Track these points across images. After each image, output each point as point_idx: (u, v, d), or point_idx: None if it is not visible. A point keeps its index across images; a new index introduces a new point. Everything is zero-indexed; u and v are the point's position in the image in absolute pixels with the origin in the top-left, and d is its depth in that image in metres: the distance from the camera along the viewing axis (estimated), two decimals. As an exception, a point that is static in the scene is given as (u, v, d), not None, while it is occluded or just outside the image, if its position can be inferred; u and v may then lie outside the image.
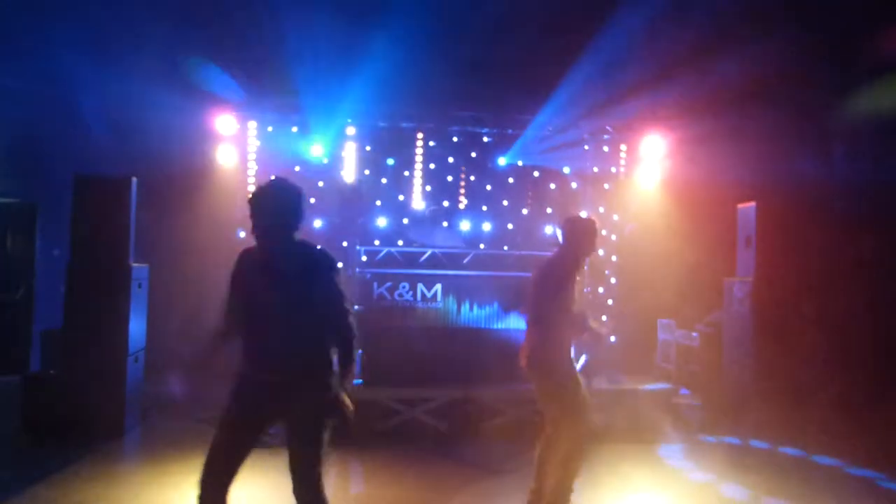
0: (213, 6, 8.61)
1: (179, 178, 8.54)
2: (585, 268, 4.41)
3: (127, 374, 6.17)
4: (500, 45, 9.54)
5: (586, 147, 9.76)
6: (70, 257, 6.26)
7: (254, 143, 8.90)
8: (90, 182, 6.28)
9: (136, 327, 6.35)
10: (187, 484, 3.16)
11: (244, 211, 3.23)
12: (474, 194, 9.73)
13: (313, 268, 3.16)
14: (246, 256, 3.30)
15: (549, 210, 9.78)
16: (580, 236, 4.43)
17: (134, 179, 6.38)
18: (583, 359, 7.69)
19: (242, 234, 8.99)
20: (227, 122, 8.64)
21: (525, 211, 9.76)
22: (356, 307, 7.43)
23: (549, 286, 4.34)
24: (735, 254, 7.72)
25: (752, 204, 7.45)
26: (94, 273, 6.17)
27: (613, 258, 9.68)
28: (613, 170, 9.81)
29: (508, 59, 9.41)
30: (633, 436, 6.65)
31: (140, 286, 6.40)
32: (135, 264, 6.31)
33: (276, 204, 3.16)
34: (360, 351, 7.29)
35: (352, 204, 9.17)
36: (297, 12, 8.74)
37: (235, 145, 8.77)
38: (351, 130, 9.19)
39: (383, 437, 6.54)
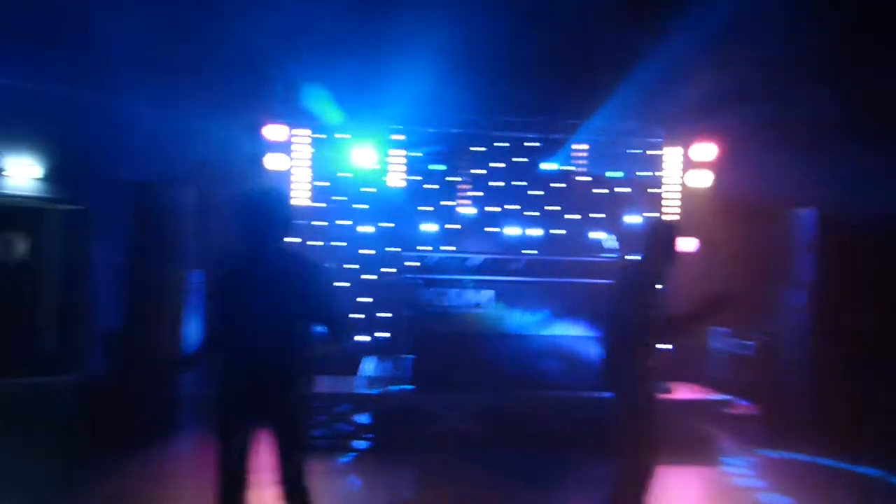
0: (263, 14, 8.76)
1: (231, 185, 8.67)
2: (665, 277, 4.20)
3: (181, 378, 6.28)
4: (548, 50, 9.49)
5: (636, 151, 9.62)
6: (127, 262, 6.41)
7: (303, 151, 9.01)
8: (147, 188, 6.44)
9: (192, 331, 6.47)
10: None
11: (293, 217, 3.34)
12: (522, 200, 9.67)
13: (299, 273, 3.21)
14: (229, 263, 3.29)
15: (598, 215, 9.67)
16: (665, 243, 4.27)
17: (189, 186, 6.51)
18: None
19: (293, 240, 9.13)
20: (278, 129, 8.76)
21: (574, 216, 9.66)
22: (406, 312, 7.47)
23: (632, 295, 4.16)
24: (791, 261, 7.51)
25: (811, 209, 7.23)
26: (149, 277, 6.31)
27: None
28: (663, 174, 9.65)
29: (557, 64, 9.35)
30: (688, 448, 6.48)
31: (196, 291, 6.52)
32: (189, 269, 6.43)
33: (266, 211, 3.20)
34: (410, 356, 7.31)
35: (400, 210, 9.20)
36: (344, 19, 8.84)
37: (285, 153, 8.89)
38: (399, 137, 9.23)
39: (432, 442, 6.52)
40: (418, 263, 7.81)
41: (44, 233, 10.02)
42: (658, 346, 4.15)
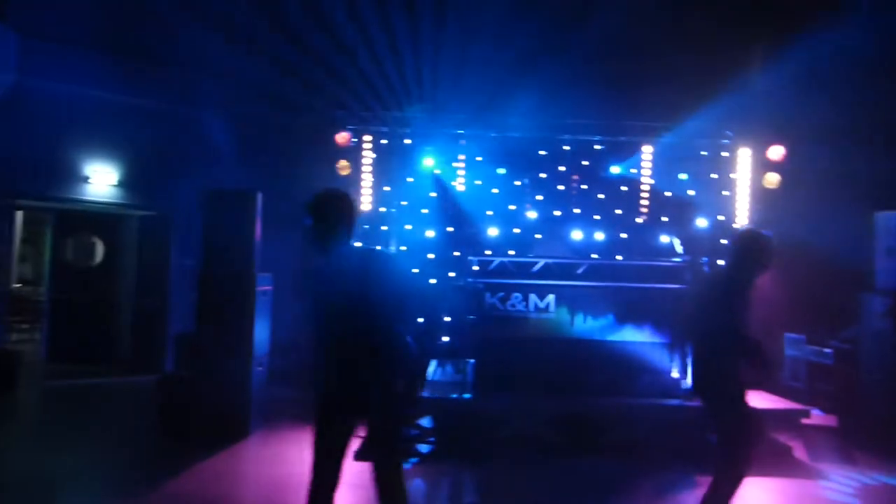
0: (331, 23, 8.94)
1: (300, 190, 8.87)
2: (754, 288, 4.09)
3: (252, 379, 6.45)
4: (614, 52, 9.38)
5: (704, 153, 9.37)
6: (201, 266, 6.63)
7: (369, 156, 9.14)
8: (219, 196, 6.65)
9: (261, 334, 6.64)
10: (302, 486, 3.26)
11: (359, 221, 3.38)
12: (586, 203, 9.55)
13: (371, 268, 3.20)
14: (314, 268, 3.34)
15: (664, 219, 9.46)
16: (756, 252, 4.11)
17: (259, 193, 6.69)
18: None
19: (358, 244, 9.26)
20: (344, 135, 8.92)
21: (639, 220, 9.47)
22: (468, 317, 7.48)
23: (718, 304, 4.03)
24: (873, 265, 7.18)
25: (894, 212, 6.91)
26: (222, 281, 6.50)
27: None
28: (733, 176, 9.36)
29: (619, 66, 9.22)
30: (764, 459, 6.22)
31: (265, 294, 6.70)
32: (260, 273, 6.61)
33: (331, 211, 3.24)
34: (472, 361, 7.32)
35: (463, 214, 9.22)
36: (409, 27, 8.95)
37: (351, 158, 9.03)
38: (462, 141, 9.26)
39: (495, 447, 6.50)
40: (478, 268, 7.80)
41: (123, 238, 10.49)
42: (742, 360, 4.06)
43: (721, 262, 7.70)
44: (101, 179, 9.24)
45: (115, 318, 10.38)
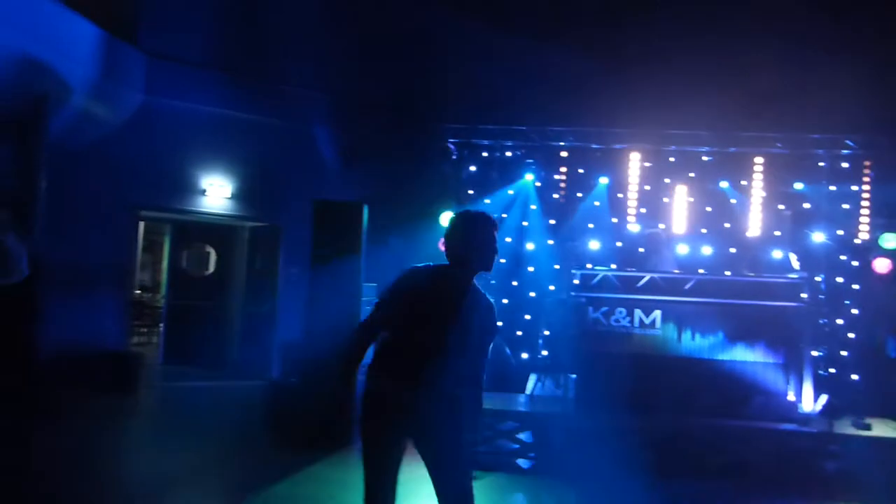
0: (434, 37, 9.09)
1: (405, 202, 9.05)
2: None
3: (357, 386, 6.57)
4: (722, 59, 9.05)
5: (821, 164, 8.88)
6: (310, 276, 6.85)
7: (469, 168, 9.20)
8: (328, 207, 6.86)
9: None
10: (407, 493, 3.24)
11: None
12: (693, 216, 9.24)
13: (486, 312, 3.16)
14: (421, 275, 3.22)
15: (777, 233, 9.01)
16: None
17: (365, 205, 6.86)
18: (823, 399, 6.95)
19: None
20: (447, 148, 9.03)
21: (750, 234, 9.07)
22: (570, 331, 7.37)
23: None
24: None
25: None
26: (329, 290, 6.69)
27: (855, 286, 8.66)
28: (854, 188, 8.82)
29: (731, 73, 8.89)
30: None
31: (370, 304, 6.83)
32: (367, 283, 6.76)
33: (480, 238, 3.15)
34: (573, 376, 7.20)
35: (564, 227, 9.13)
36: (508, 39, 8.97)
37: (454, 169, 9.13)
38: (563, 153, 9.18)
39: (595, 465, 6.34)
40: (579, 281, 7.67)
41: (234, 247, 11.00)
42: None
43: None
44: (216, 192, 9.72)
45: (226, 324, 10.87)
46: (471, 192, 9.20)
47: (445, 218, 9.07)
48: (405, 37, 8.99)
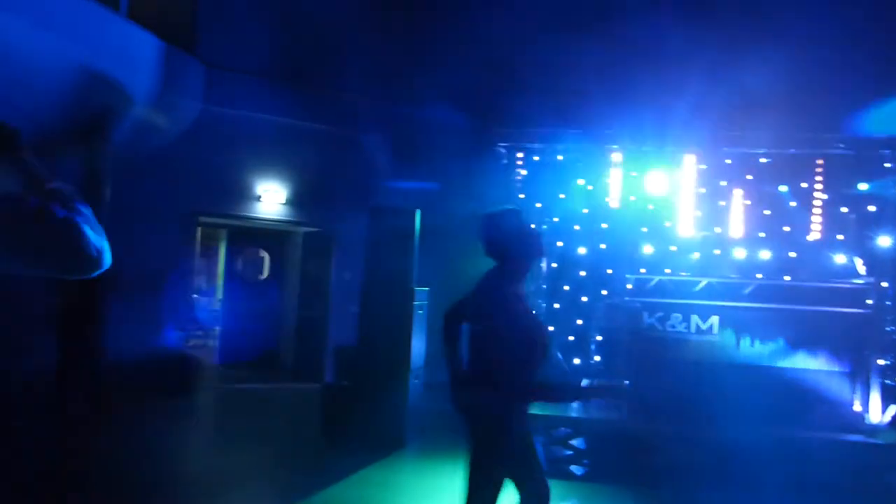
0: (484, 41, 9.09)
1: (456, 206, 9.06)
2: None
3: (409, 391, 6.62)
4: (778, 57, 8.80)
5: (887, 164, 8.55)
6: (363, 280, 6.91)
7: (520, 172, 9.17)
8: (381, 212, 6.92)
9: (417, 347, 6.81)
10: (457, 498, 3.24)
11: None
12: (750, 220, 9.01)
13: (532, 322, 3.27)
14: (484, 282, 3.31)
15: (840, 237, 8.71)
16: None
17: (418, 210, 6.89)
18: (893, 410, 6.69)
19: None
20: (497, 152, 9.02)
21: (812, 238, 8.79)
22: (624, 337, 7.27)
23: None
24: None
25: None
26: (382, 295, 6.74)
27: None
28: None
29: (790, 72, 8.64)
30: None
31: (422, 309, 6.87)
32: (417, 288, 6.79)
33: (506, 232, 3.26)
34: (627, 382, 7.09)
35: (618, 230, 9.01)
36: (558, 40, 8.90)
37: (503, 175, 9.11)
38: (616, 157, 9.07)
39: (649, 475, 6.23)
40: (632, 286, 7.55)
41: (287, 253, 11.18)
42: None
43: None
44: (271, 198, 9.89)
45: (280, 327, 11.04)
46: (522, 195, 9.16)
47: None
48: (457, 42, 9.00)
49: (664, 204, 9.11)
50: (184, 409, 8.23)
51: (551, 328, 9.04)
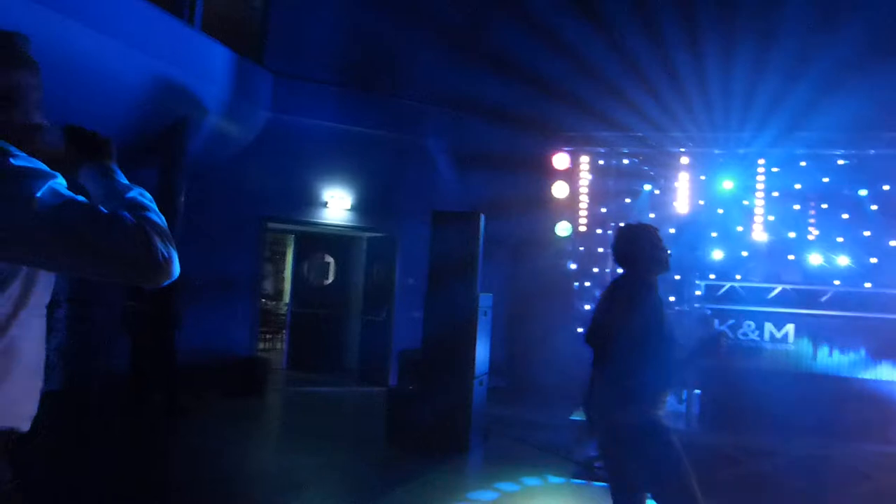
0: (545, 45, 9.03)
1: (519, 212, 9.04)
2: None
3: (473, 396, 6.61)
4: (850, 54, 8.44)
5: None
6: (427, 285, 6.94)
7: (585, 178, 9.07)
8: (445, 217, 6.94)
9: (482, 352, 6.79)
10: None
11: (574, 244, 3.48)
12: (826, 224, 8.65)
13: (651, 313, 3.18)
14: (608, 287, 3.37)
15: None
16: None
17: (482, 215, 6.89)
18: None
19: (573, 266, 9.20)
20: (562, 157, 8.94)
21: (895, 243, 8.38)
22: (693, 345, 7.07)
23: None
24: None
25: None
26: (446, 300, 6.76)
27: None
28: None
29: (865, 68, 8.27)
30: None
31: (486, 314, 6.86)
32: (481, 293, 6.78)
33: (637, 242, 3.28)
34: (697, 391, 6.90)
35: (685, 236, 8.80)
36: (626, 45, 8.77)
37: (568, 180, 9.02)
38: (684, 160, 8.86)
39: (722, 488, 6.02)
40: (701, 292, 7.35)
41: (352, 257, 11.36)
42: None
43: None
44: (337, 204, 10.08)
45: (345, 332, 11.22)
46: (586, 201, 9.06)
47: (562, 227, 8.97)
48: (520, 48, 8.99)
49: (735, 208, 8.84)
50: (252, 410, 8.46)
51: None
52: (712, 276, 8.10)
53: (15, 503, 1.54)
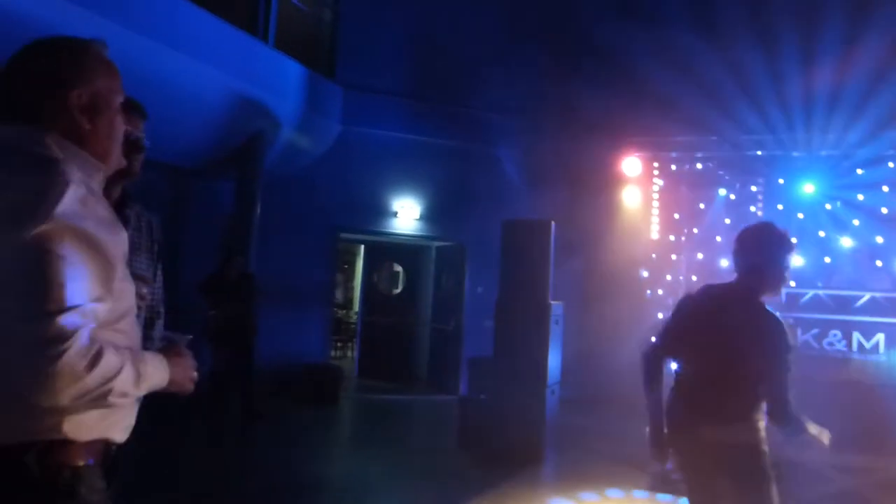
0: (612, 51, 8.91)
1: (589, 219, 8.93)
2: None
3: (546, 405, 6.55)
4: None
5: None
6: (498, 294, 6.93)
7: (657, 183, 8.90)
8: (516, 225, 6.92)
9: (553, 361, 6.73)
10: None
11: (647, 251, 3.17)
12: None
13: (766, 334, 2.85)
14: (701, 296, 3.11)
15: None
16: None
17: (552, 222, 6.83)
18: None
19: (645, 274, 9.02)
20: (633, 163, 8.80)
21: None
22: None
23: None
24: None
25: None
26: (517, 308, 6.72)
27: None
28: None
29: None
30: None
31: (557, 322, 6.79)
32: (553, 301, 6.72)
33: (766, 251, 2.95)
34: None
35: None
36: (698, 44, 8.56)
37: (640, 186, 8.87)
38: (760, 163, 8.58)
39: None
40: (786, 301, 7.07)
41: (421, 266, 11.45)
42: None
43: None
44: (406, 214, 10.19)
45: (415, 340, 11.30)
46: (658, 207, 8.88)
47: (633, 234, 8.80)
48: (588, 53, 8.90)
49: (816, 212, 8.49)
50: (326, 417, 8.60)
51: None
52: (793, 284, 7.78)
53: None
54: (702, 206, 8.77)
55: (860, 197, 8.35)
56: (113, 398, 1.40)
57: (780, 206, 8.61)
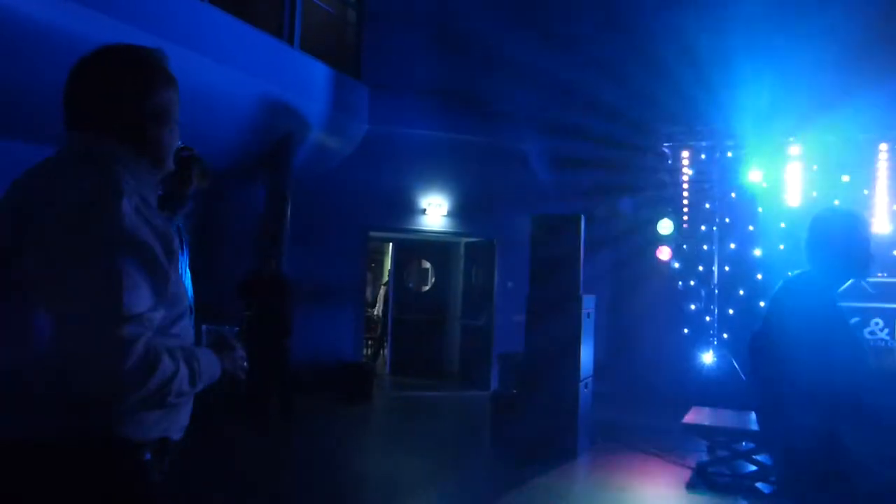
0: (638, 42, 8.82)
1: (617, 211, 8.87)
2: None
3: (579, 400, 6.52)
4: None
5: None
6: (528, 288, 6.91)
7: (687, 173, 8.78)
8: (546, 220, 6.89)
9: (586, 355, 6.69)
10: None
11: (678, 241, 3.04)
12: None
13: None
14: (781, 288, 3.01)
15: None
16: None
17: (581, 216, 6.79)
18: None
19: (677, 265, 8.92)
20: (663, 153, 8.70)
21: None
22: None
23: None
24: None
25: None
26: (548, 303, 6.70)
27: None
28: None
29: None
30: None
31: (589, 316, 6.75)
32: (584, 295, 6.69)
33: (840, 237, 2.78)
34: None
35: (797, 230, 8.34)
36: (728, 29, 8.42)
37: (669, 176, 8.77)
38: (794, 150, 8.41)
39: (847, 498, 5.65)
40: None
41: (450, 262, 11.46)
42: None
43: None
44: (434, 211, 10.21)
45: (445, 336, 11.33)
46: (689, 197, 8.77)
47: (664, 225, 8.71)
48: (615, 44, 8.82)
49: (853, 198, 8.29)
50: (360, 414, 8.67)
51: (725, 335, 8.55)
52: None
53: None
54: (733, 195, 8.63)
55: None
56: (172, 398, 1.47)
57: (814, 194, 8.44)
